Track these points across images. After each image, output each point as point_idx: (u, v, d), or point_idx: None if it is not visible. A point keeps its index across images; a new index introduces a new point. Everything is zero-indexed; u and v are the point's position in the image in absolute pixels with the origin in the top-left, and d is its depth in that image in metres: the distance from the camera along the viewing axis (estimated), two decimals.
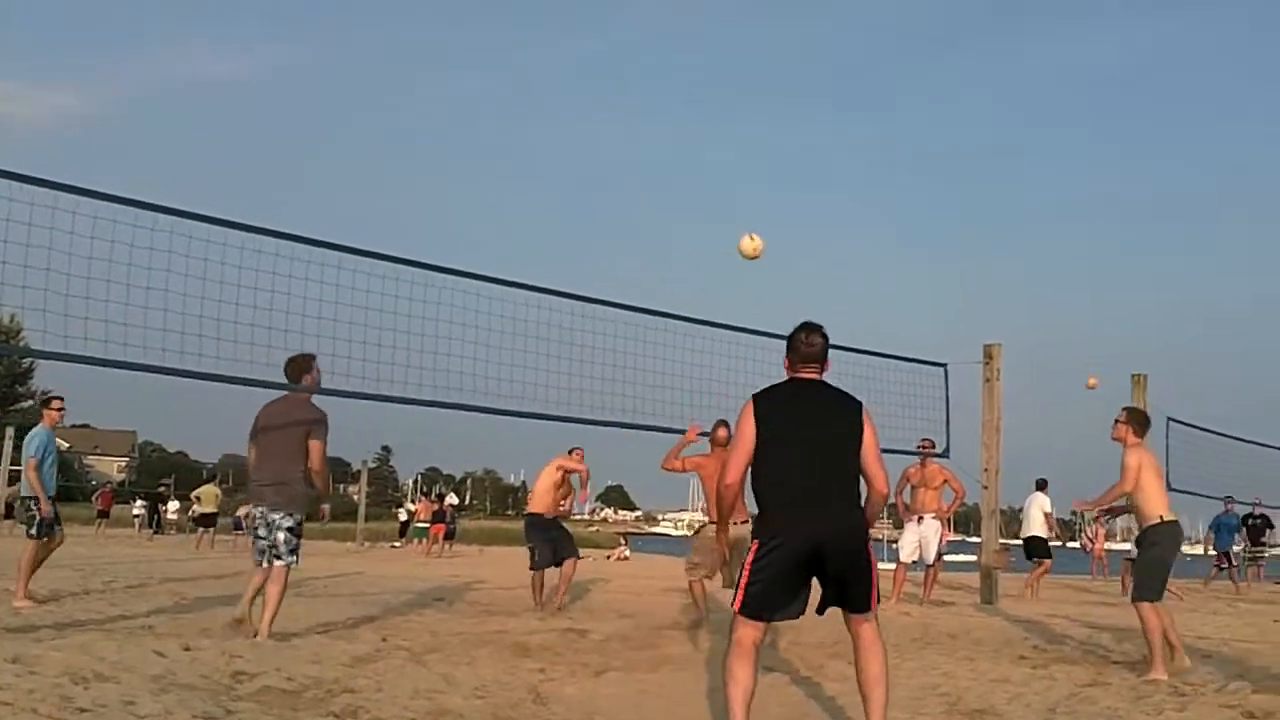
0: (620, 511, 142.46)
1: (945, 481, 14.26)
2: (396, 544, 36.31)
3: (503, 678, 6.94)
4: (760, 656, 5.30)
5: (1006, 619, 12.07)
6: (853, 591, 5.20)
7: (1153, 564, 8.16)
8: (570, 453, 12.42)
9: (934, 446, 14.20)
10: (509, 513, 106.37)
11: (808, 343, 5.44)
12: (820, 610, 5.35)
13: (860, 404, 5.42)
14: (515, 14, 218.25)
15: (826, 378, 5.52)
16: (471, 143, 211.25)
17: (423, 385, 9.84)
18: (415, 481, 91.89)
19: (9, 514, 26.94)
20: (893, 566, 14.51)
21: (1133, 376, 16.86)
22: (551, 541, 12.04)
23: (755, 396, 5.43)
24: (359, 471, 39.82)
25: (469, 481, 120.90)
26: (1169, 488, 18.28)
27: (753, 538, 5.26)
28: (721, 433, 10.53)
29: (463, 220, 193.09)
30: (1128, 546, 20.64)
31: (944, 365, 14.85)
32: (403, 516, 41.18)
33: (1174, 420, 17.53)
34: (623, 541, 39.00)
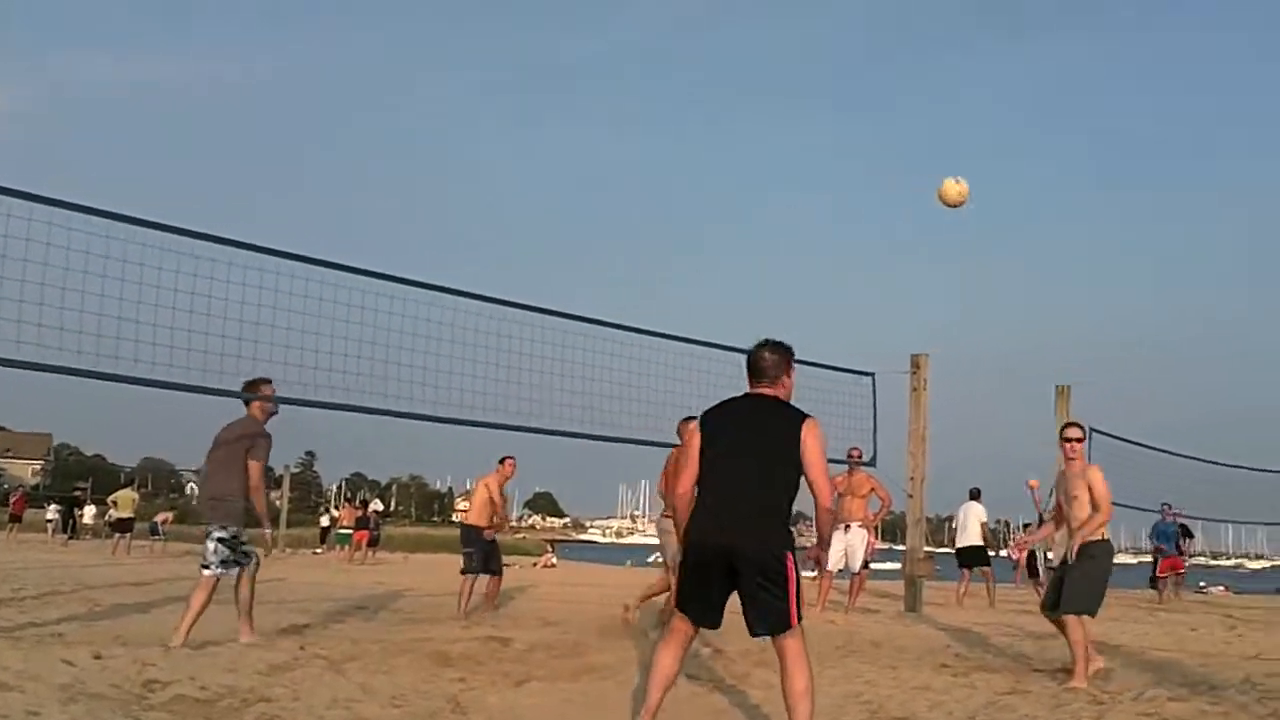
0: (548, 518, 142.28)
1: (872, 490, 14.34)
2: (318, 550, 35.88)
3: (422, 687, 6.84)
4: (687, 648, 5.46)
5: (930, 627, 12.16)
6: (767, 608, 5.21)
7: (1094, 578, 8.19)
8: (502, 462, 12.52)
9: (861, 455, 14.27)
10: (435, 519, 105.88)
11: (758, 358, 5.61)
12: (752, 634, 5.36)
13: (805, 419, 5.45)
14: (515, 13, 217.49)
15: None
16: (471, 143, 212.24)
17: (349, 390, 9.71)
18: (339, 487, 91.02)
19: None
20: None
21: (1057, 388, 17.08)
22: (485, 552, 12.32)
23: (705, 413, 5.64)
24: (281, 477, 39.21)
25: (394, 487, 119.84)
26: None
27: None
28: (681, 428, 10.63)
29: (462, 220, 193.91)
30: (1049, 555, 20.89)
31: (872, 374, 14.94)
32: (325, 522, 40.74)
33: (1097, 431, 17.78)
34: (549, 549, 38.93)
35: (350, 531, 31.25)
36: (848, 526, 14.07)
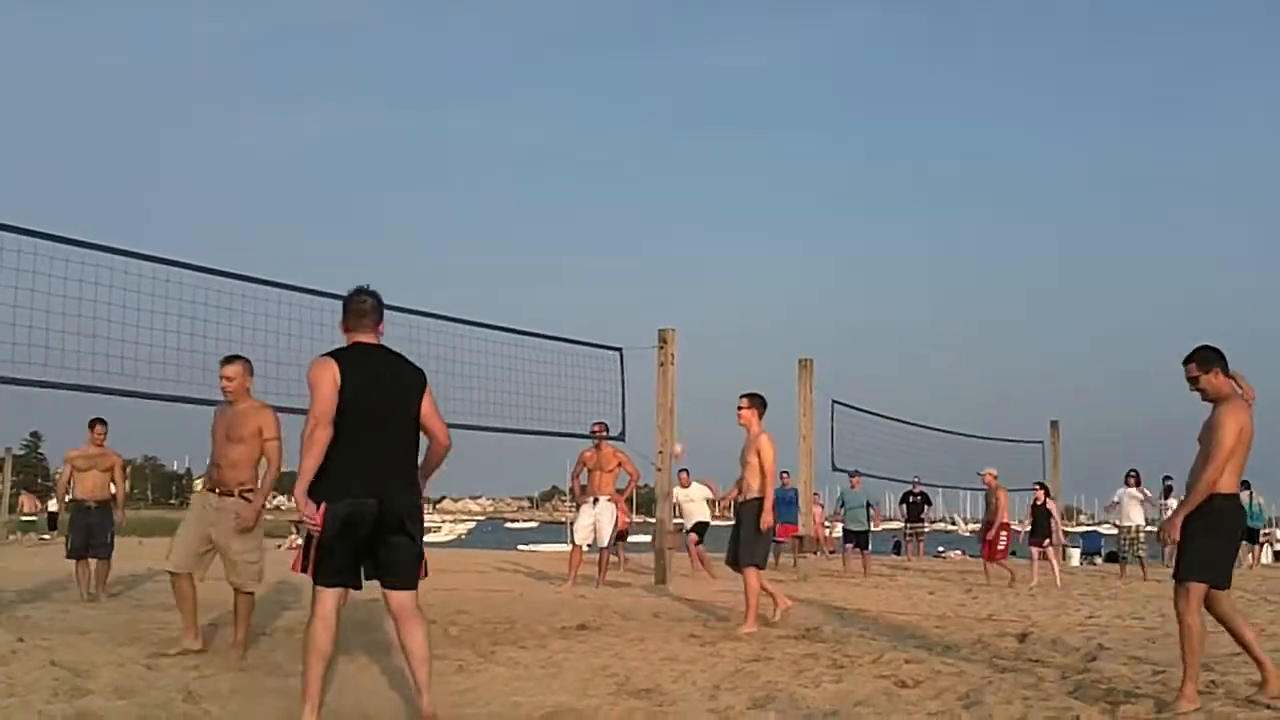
0: (292, 499, 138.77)
1: (620, 464, 14.41)
2: (45, 536, 33.90)
3: (150, 675, 6.47)
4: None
5: (679, 599, 12.30)
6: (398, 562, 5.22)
7: (755, 536, 9.37)
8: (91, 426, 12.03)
9: (607, 430, 14.32)
10: (173, 501, 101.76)
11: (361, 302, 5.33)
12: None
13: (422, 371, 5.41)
14: None
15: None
16: None
17: (79, 369, 9.19)
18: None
19: None
20: (569, 549, 14.56)
21: (800, 361, 17.57)
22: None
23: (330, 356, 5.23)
24: (3, 459, 36.83)
25: (128, 469, 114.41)
26: (834, 468, 19.28)
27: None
28: None
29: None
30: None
31: (619, 350, 15.04)
32: (53, 507, 38.50)
33: (838, 403, 18.42)
34: (294, 530, 37.88)
35: (33, 519, 30.38)
36: (596, 500, 14.12)
